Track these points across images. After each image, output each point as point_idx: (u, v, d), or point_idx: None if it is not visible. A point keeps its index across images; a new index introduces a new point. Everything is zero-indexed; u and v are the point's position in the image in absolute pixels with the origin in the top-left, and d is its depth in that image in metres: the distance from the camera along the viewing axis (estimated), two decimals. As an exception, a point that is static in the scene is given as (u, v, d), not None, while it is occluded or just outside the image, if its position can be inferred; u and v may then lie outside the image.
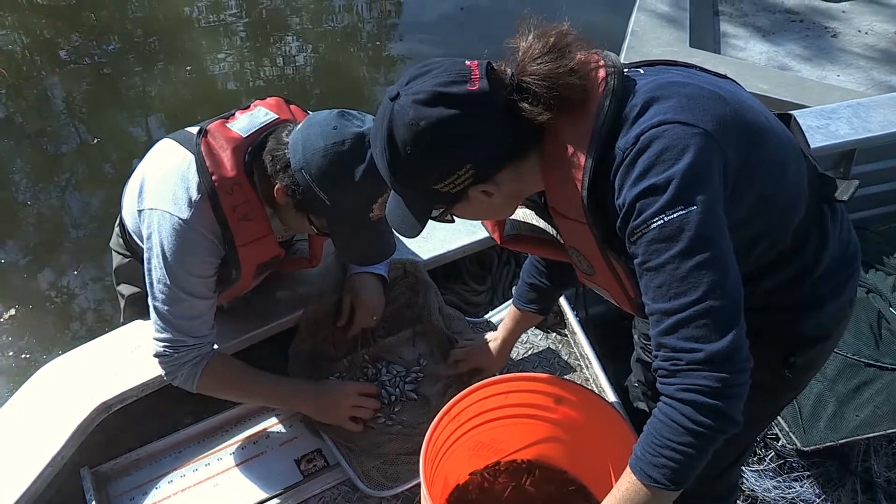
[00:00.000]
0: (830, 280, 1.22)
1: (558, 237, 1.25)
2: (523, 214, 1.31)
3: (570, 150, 1.04)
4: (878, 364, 2.00)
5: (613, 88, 1.03)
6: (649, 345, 1.71)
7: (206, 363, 1.47)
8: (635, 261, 1.02)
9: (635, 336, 1.79)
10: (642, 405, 1.85)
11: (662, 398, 1.02)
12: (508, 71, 1.04)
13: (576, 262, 1.22)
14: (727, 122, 1.02)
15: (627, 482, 1.04)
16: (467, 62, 1.04)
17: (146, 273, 1.41)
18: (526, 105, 1.02)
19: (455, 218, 1.16)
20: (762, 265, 1.15)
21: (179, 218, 1.35)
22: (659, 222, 0.96)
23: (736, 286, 0.98)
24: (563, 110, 1.02)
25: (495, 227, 1.34)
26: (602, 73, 1.04)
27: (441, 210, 1.12)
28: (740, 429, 0.98)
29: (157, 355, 1.46)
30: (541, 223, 1.30)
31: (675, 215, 0.95)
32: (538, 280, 1.53)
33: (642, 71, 1.11)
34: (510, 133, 1.04)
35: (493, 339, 1.65)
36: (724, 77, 1.17)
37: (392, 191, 1.13)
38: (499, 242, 1.34)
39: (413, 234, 1.14)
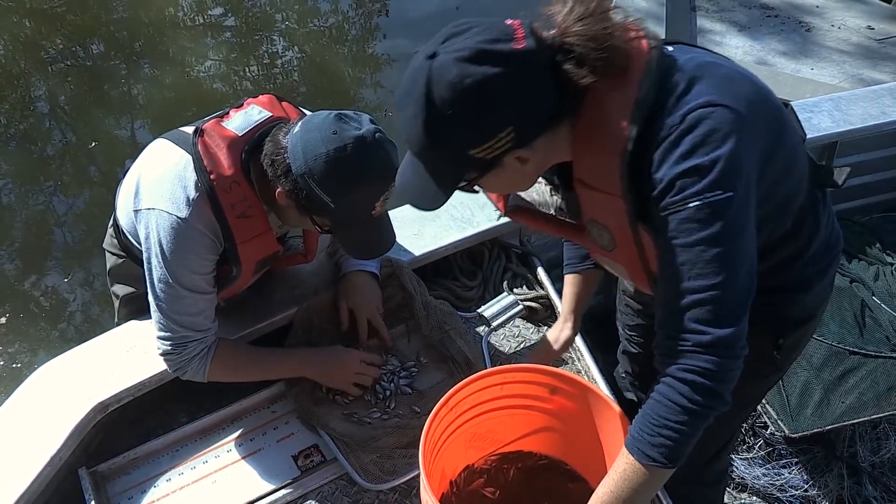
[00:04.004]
0: (818, 263, 1.26)
1: (558, 214, 1.26)
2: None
3: (612, 118, 1.01)
4: (863, 352, 2.05)
5: (657, 60, 1.01)
6: (634, 336, 1.75)
7: (212, 353, 1.50)
8: (662, 234, 1.02)
9: (620, 329, 1.82)
10: (630, 395, 1.88)
11: (661, 378, 1.04)
12: (548, 33, 1.00)
13: (595, 236, 1.18)
14: (758, 107, 1.04)
15: (624, 463, 1.07)
16: (508, 21, 1.00)
17: (146, 273, 1.43)
18: (570, 66, 0.98)
19: (479, 189, 1.12)
20: (762, 246, 1.15)
21: (178, 217, 1.36)
22: (697, 203, 0.97)
23: (752, 277, 1.01)
24: (606, 75, 0.99)
25: (500, 196, 1.32)
26: (644, 43, 1.02)
27: (472, 178, 1.06)
28: (729, 408, 1.02)
29: (163, 354, 1.48)
30: (541, 197, 1.30)
31: (713, 199, 0.96)
32: None
33: (671, 48, 1.09)
34: (553, 96, 1.00)
35: (563, 319, 1.56)
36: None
37: (411, 161, 1.07)
38: (503, 212, 1.33)
39: (435, 205, 1.08)
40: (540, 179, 1.26)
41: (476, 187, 1.10)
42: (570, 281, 1.54)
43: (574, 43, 0.97)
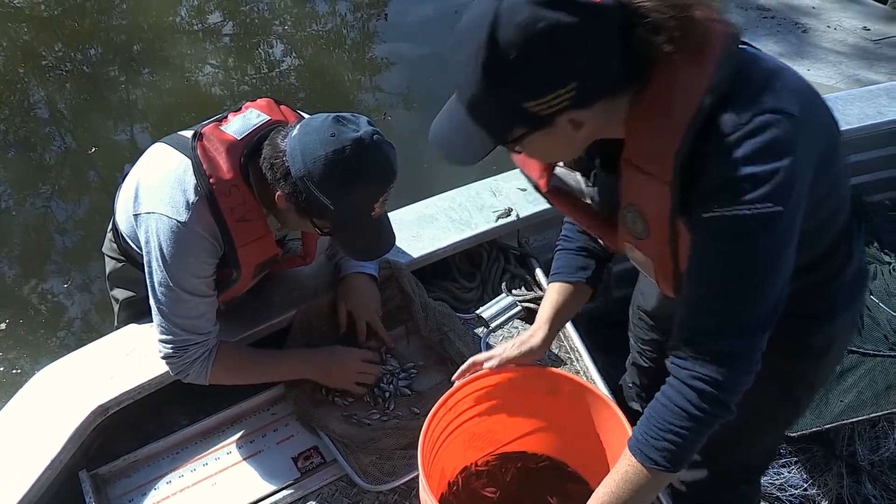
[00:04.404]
0: (846, 292, 1.23)
1: (589, 201, 1.23)
2: (560, 172, 1.26)
3: (679, 99, 0.95)
4: (861, 351, 2.05)
5: (735, 49, 0.96)
6: (647, 350, 1.74)
7: (214, 356, 1.50)
8: (700, 232, 0.99)
9: (632, 340, 1.80)
10: (636, 405, 1.87)
11: (669, 380, 1.04)
12: None
13: (629, 222, 1.11)
14: (819, 122, 1.01)
15: (627, 465, 1.07)
16: None
17: (147, 277, 1.43)
18: (645, 31, 0.91)
19: (520, 149, 1.04)
20: (796, 267, 1.07)
21: (177, 221, 1.37)
22: (746, 211, 0.93)
23: (783, 294, 1.00)
24: (680, 49, 0.93)
25: (543, 172, 1.23)
26: (721, 28, 0.96)
27: (518, 136, 0.99)
28: (734, 416, 1.02)
29: (164, 357, 1.48)
30: (577, 185, 1.25)
31: (764, 210, 0.92)
32: (586, 243, 1.40)
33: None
34: (622, 59, 0.93)
35: (536, 326, 1.43)
36: None
37: (454, 109, 1.00)
38: (544, 189, 1.25)
39: (473, 160, 1.00)
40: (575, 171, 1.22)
41: (517, 148, 1.03)
42: (554, 289, 1.44)
43: (652, 7, 0.91)
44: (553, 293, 1.43)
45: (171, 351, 1.47)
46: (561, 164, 1.24)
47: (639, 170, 1.03)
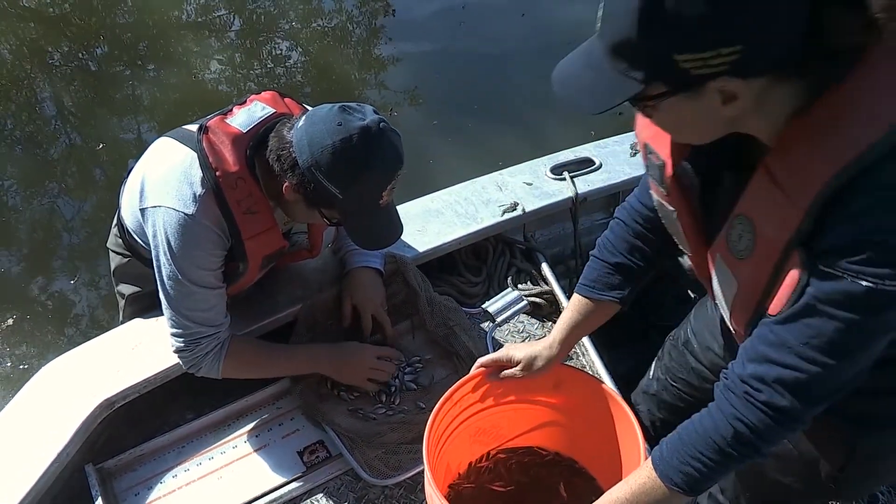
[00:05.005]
0: None
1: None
2: (686, 165, 1.09)
3: (860, 120, 0.80)
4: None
5: None
6: (675, 387, 1.61)
7: (226, 349, 1.51)
8: (808, 277, 0.87)
9: (660, 371, 1.66)
10: (649, 431, 1.80)
11: (711, 408, 1.01)
12: None
13: (733, 235, 0.97)
14: None
15: (647, 476, 1.06)
16: None
17: (155, 271, 1.43)
18: (843, 7, 0.76)
19: (651, 110, 0.89)
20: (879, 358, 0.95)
21: (185, 213, 1.37)
22: (867, 285, 0.81)
23: (858, 376, 0.92)
24: (883, 53, 0.78)
25: (676, 153, 1.06)
26: None
27: (655, 94, 0.84)
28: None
29: (176, 351, 1.48)
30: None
31: (883, 295, 0.81)
32: (628, 259, 1.27)
33: None
34: (806, 35, 0.77)
35: (547, 346, 1.35)
36: None
37: (592, 49, 0.87)
38: (668, 173, 1.07)
39: (599, 108, 0.85)
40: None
41: (649, 109, 0.89)
42: (575, 304, 1.33)
43: None
44: (573, 309, 1.33)
45: (182, 344, 1.47)
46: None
47: (774, 181, 0.88)
